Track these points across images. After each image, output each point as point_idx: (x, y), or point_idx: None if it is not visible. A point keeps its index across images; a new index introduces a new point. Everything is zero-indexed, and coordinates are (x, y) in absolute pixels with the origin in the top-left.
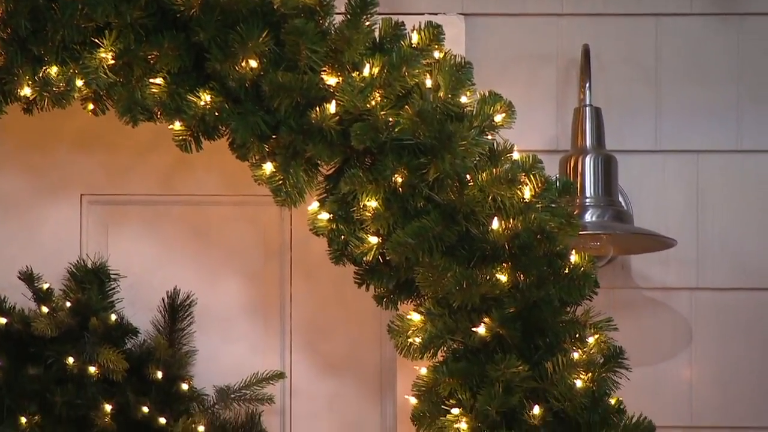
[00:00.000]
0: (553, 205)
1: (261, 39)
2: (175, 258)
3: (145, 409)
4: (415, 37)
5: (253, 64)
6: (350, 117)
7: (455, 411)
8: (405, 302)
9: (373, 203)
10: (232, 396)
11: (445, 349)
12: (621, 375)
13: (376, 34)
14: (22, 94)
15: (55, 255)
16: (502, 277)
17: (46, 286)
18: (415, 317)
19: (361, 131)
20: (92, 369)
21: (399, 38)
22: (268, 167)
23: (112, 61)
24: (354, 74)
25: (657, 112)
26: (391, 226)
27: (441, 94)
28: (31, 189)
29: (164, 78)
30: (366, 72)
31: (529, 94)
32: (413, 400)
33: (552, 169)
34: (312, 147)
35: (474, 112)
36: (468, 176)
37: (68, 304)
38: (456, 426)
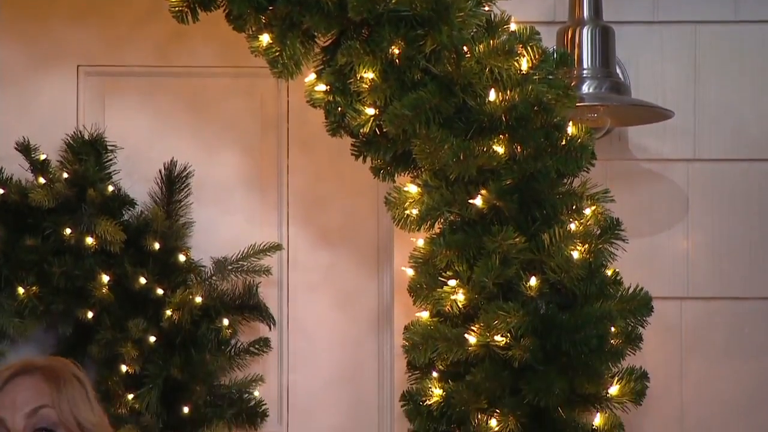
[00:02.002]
0: (550, 77)
1: None
2: (172, 129)
3: (143, 280)
4: None
5: None
6: None
7: (452, 282)
8: (402, 174)
9: (369, 75)
10: (230, 267)
11: (442, 221)
12: (617, 246)
13: None
14: None
15: (52, 126)
16: (499, 149)
17: (43, 157)
18: (412, 189)
19: (358, 2)
20: (89, 240)
21: None
22: (265, 39)
23: None
24: None
25: None
26: (388, 98)
27: None
28: (28, 59)
29: None
30: None
31: None
32: (410, 272)
33: (549, 40)
34: (309, 18)
35: None
36: (465, 48)
37: (65, 175)
38: (453, 297)
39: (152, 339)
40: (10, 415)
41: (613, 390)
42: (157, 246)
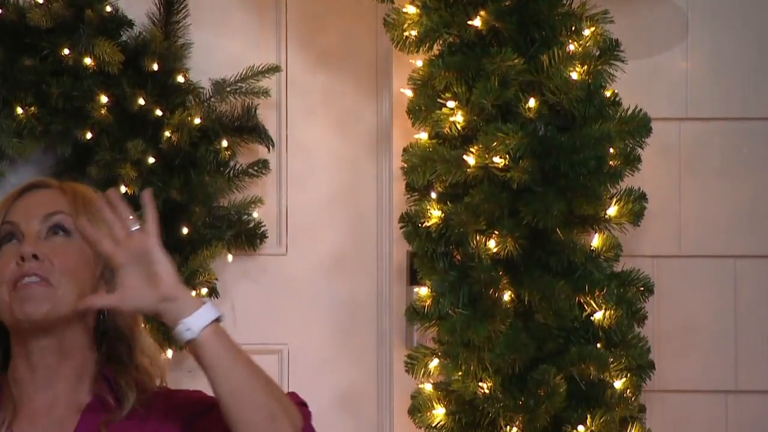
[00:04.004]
0: None
1: None
2: None
3: (141, 101)
4: None
5: None
6: None
7: (451, 104)
8: None
9: None
10: (228, 89)
11: (441, 42)
12: (617, 67)
13: None
14: None
15: None
16: None
17: None
18: (411, 10)
19: None
20: (88, 61)
21: None
22: None
23: None
24: None
25: None
26: None
27: None
28: None
29: None
30: None
31: None
32: (409, 93)
33: None
34: None
35: None
36: None
37: None
38: (452, 119)
39: (151, 160)
40: (24, 219)
41: (612, 211)
42: (155, 67)
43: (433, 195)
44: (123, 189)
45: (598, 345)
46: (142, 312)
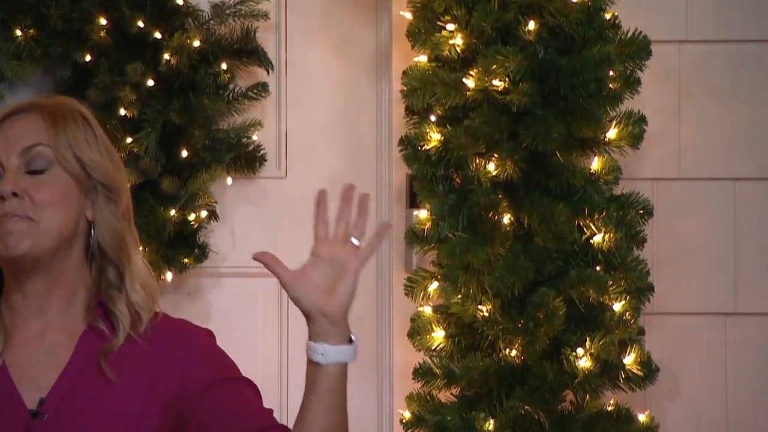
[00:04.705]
0: None
1: None
2: None
3: (140, 24)
4: None
5: None
6: None
7: (450, 27)
8: None
9: None
10: (227, 11)
11: None
12: None
13: None
14: None
15: None
16: None
17: None
18: None
19: None
20: None
21: None
22: None
23: None
24: None
25: None
26: None
27: None
28: None
29: None
30: None
31: None
32: (408, 16)
33: None
34: None
35: None
36: None
37: None
38: (451, 42)
39: (150, 83)
40: (5, 153)
41: (611, 134)
42: None
43: (433, 118)
44: (122, 111)
45: (598, 268)
46: (298, 304)
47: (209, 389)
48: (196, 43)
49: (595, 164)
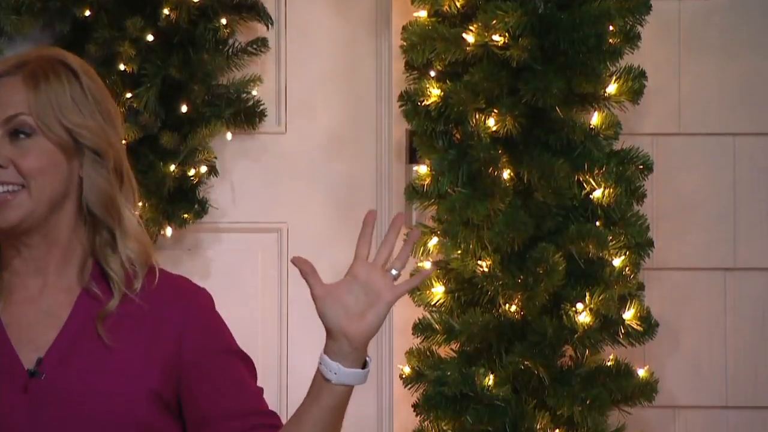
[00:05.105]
0: None
1: None
2: None
3: None
4: None
5: None
6: None
7: None
8: None
9: None
10: None
11: None
12: None
13: None
14: None
15: None
16: None
17: None
18: None
19: None
20: None
21: None
22: None
23: None
24: None
25: None
26: None
27: None
28: None
29: None
30: None
31: None
32: None
33: None
34: None
35: None
36: None
37: None
38: None
39: (150, 38)
40: None
41: (611, 89)
42: None
43: (433, 73)
44: (122, 66)
45: (597, 223)
46: (323, 319)
47: (204, 359)
48: None
49: (595, 119)
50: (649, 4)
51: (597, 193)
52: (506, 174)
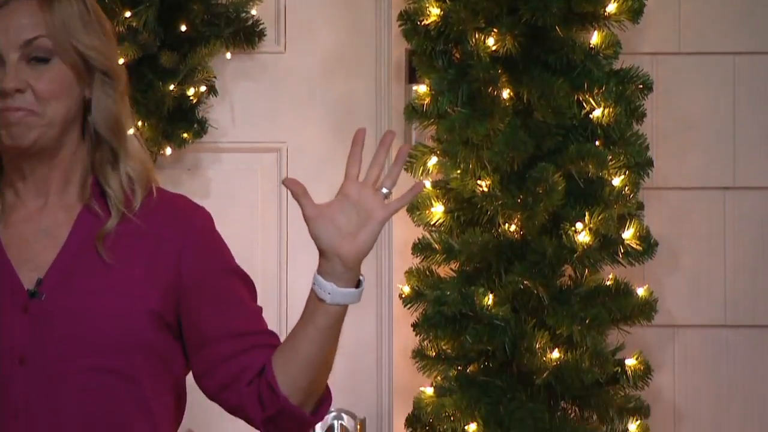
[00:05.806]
0: None
1: None
2: None
3: None
4: None
5: None
6: None
7: None
8: None
9: None
10: None
11: None
12: None
13: None
14: None
15: None
16: None
17: None
18: None
19: None
20: None
21: None
22: None
23: None
24: None
25: None
26: None
27: None
28: None
29: None
30: None
31: None
32: None
33: None
34: None
35: None
36: None
37: None
38: None
39: None
40: (5, 44)
41: (611, 8)
42: None
43: None
44: None
45: (597, 142)
46: (316, 241)
47: (204, 278)
48: None
49: (595, 39)
50: None
51: (597, 113)
52: (506, 93)
